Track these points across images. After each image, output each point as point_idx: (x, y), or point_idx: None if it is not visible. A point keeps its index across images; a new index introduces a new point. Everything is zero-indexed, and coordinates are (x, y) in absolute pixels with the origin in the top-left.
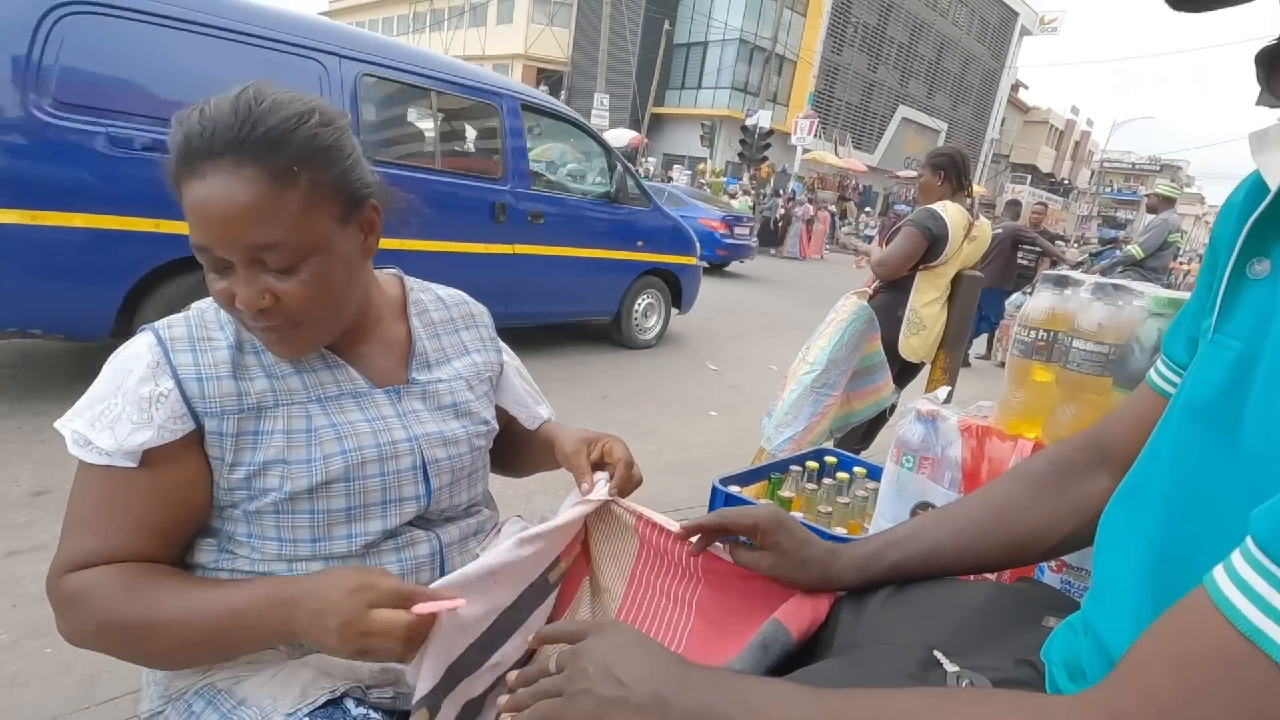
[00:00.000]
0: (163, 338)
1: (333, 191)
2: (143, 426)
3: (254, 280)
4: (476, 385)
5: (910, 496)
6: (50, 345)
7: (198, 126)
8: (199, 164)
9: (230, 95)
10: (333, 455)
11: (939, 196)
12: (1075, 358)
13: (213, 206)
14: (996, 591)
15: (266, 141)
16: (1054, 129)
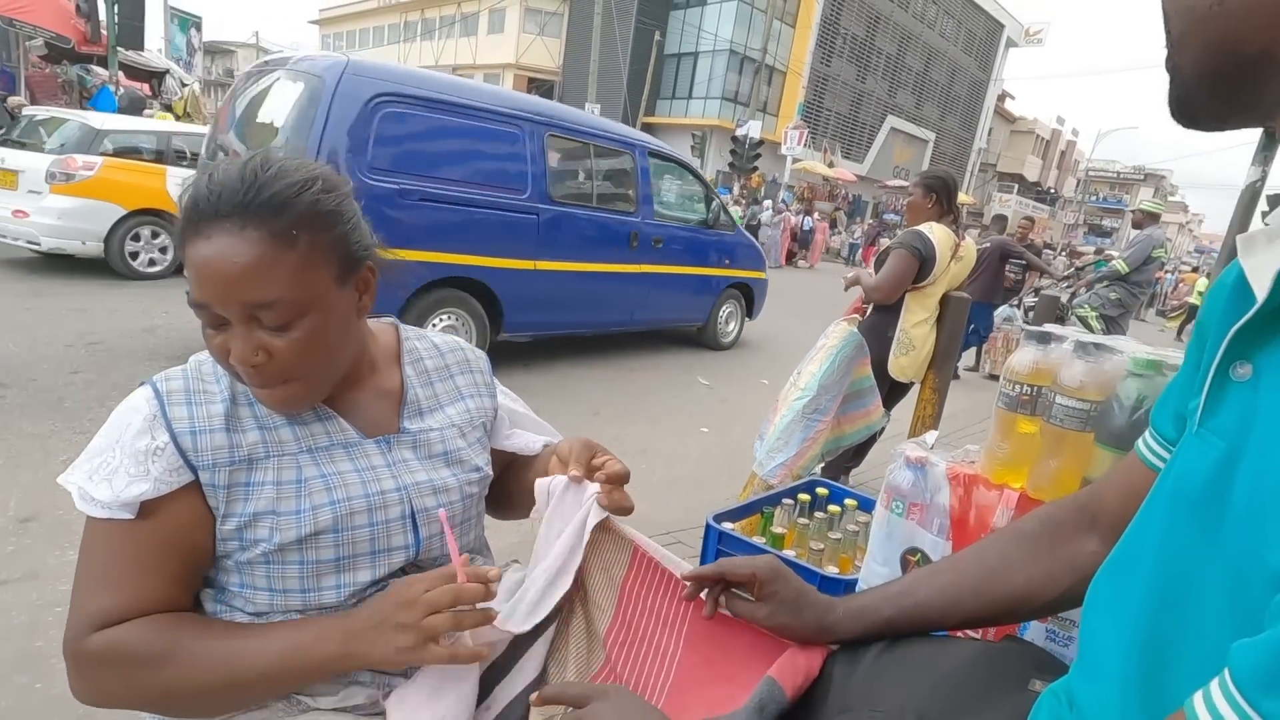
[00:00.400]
0: (160, 390)
1: (330, 253)
2: (139, 479)
3: (249, 337)
4: (469, 432)
5: (900, 541)
6: (35, 369)
7: (205, 190)
8: (204, 225)
9: (239, 162)
10: (321, 506)
11: (926, 217)
12: (1058, 413)
13: (214, 265)
14: (983, 651)
15: (270, 205)
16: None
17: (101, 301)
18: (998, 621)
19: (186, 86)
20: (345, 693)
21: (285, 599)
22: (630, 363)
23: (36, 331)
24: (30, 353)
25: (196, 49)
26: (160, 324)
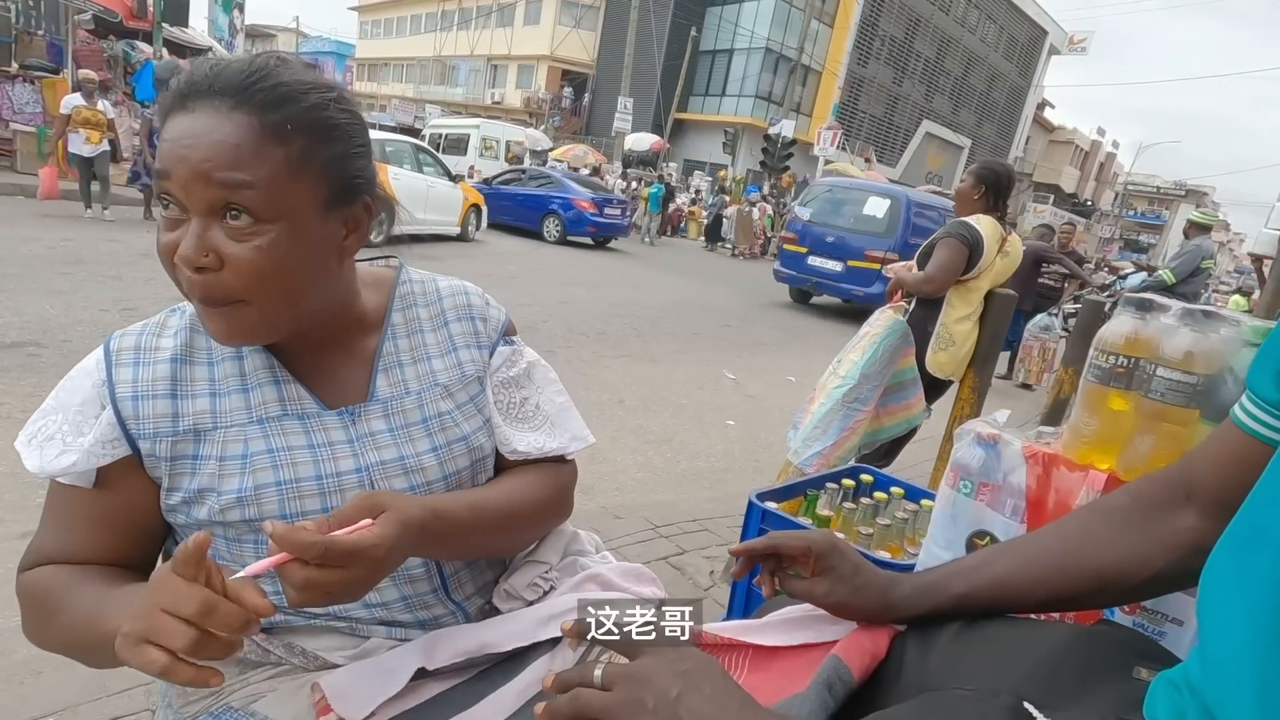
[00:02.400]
0: (110, 349)
1: (324, 170)
2: (70, 450)
3: (203, 234)
4: (458, 391)
5: (966, 524)
6: (70, 331)
7: (206, 68)
8: (192, 99)
9: (256, 56)
10: (265, 486)
11: (973, 209)
12: (1159, 387)
13: (190, 138)
14: (1078, 634)
15: (272, 95)
16: (1079, 149)
17: (136, 270)
18: (1082, 604)
19: None
20: (365, 646)
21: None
22: (655, 353)
23: (73, 296)
24: (66, 316)
25: (238, 30)
26: None
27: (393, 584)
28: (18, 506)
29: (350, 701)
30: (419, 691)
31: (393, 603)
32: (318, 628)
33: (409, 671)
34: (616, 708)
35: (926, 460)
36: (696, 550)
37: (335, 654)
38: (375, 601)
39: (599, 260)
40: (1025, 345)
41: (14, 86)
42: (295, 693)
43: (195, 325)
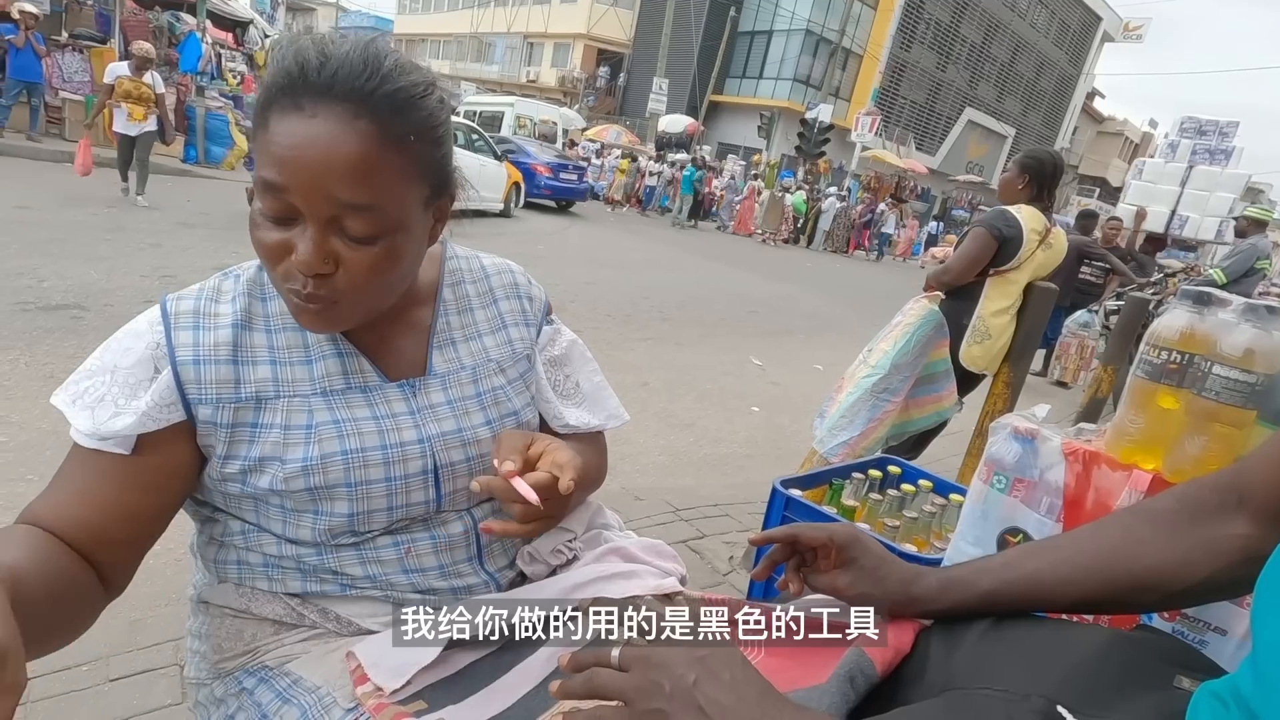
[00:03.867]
0: (168, 312)
1: (430, 170)
2: (124, 413)
3: (323, 241)
4: (510, 368)
5: (998, 520)
6: (112, 295)
7: (316, 60)
8: (308, 99)
9: (354, 40)
10: (332, 455)
11: (1016, 199)
12: (1214, 385)
13: (312, 148)
14: (1115, 639)
15: (394, 101)
16: (1128, 141)
17: (175, 239)
18: (1118, 608)
19: (268, 39)
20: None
21: (297, 549)
22: (680, 337)
23: (114, 262)
24: (108, 280)
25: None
26: (230, 263)
27: (432, 550)
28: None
29: (385, 671)
30: (449, 662)
31: (430, 569)
32: (353, 596)
33: (442, 641)
34: (632, 691)
35: (954, 455)
36: (716, 535)
37: (369, 620)
38: (414, 567)
39: (627, 242)
40: (1063, 342)
41: (64, 55)
42: (328, 656)
43: (252, 291)
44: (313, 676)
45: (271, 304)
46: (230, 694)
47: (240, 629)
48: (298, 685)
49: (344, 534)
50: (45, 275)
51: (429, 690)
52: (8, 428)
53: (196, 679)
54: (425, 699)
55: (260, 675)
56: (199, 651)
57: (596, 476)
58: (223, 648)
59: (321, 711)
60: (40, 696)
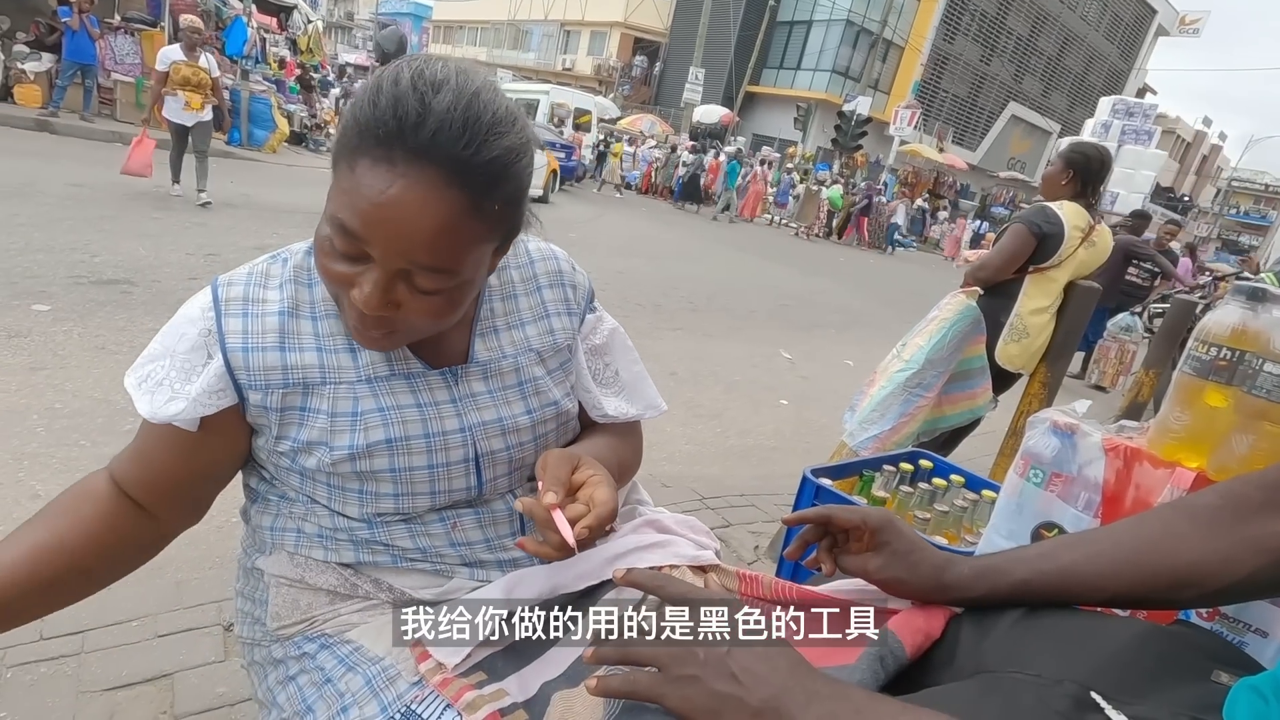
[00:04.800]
0: (219, 298)
1: (505, 227)
2: (178, 398)
3: (391, 288)
4: (550, 358)
5: (1033, 515)
6: (159, 272)
7: (415, 114)
8: (400, 154)
9: (453, 89)
10: (377, 444)
11: (1059, 194)
12: (1265, 383)
13: (395, 208)
14: (1151, 631)
15: (488, 173)
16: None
17: (219, 219)
18: (1156, 604)
19: (311, 23)
20: (448, 586)
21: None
22: (710, 328)
23: (161, 239)
24: (155, 257)
25: None
26: (271, 244)
27: (477, 525)
28: (107, 430)
29: (445, 649)
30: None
31: (476, 543)
32: (404, 568)
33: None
34: (665, 657)
35: (986, 455)
36: (742, 524)
37: (421, 591)
38: (461, 541)
39: (659, 232)
40: (1103, 345)
41: (116, 38)
42: (387, 627)
43: (299, 277)
44: (375, 647)
45: (317, 290)
46: (290, 656)
47: (296, 598)
48: (360, 654)
49: (390, 513)
50: (97, 251)
51: (487, 661)
52: (63, 395)
53: (250, 639)
54: (484, 670)
55: (321, 642)
56: (250, 614)
57: (633, 465)
58: (280, 615)
59: (387, 683)
60: (94, 648)
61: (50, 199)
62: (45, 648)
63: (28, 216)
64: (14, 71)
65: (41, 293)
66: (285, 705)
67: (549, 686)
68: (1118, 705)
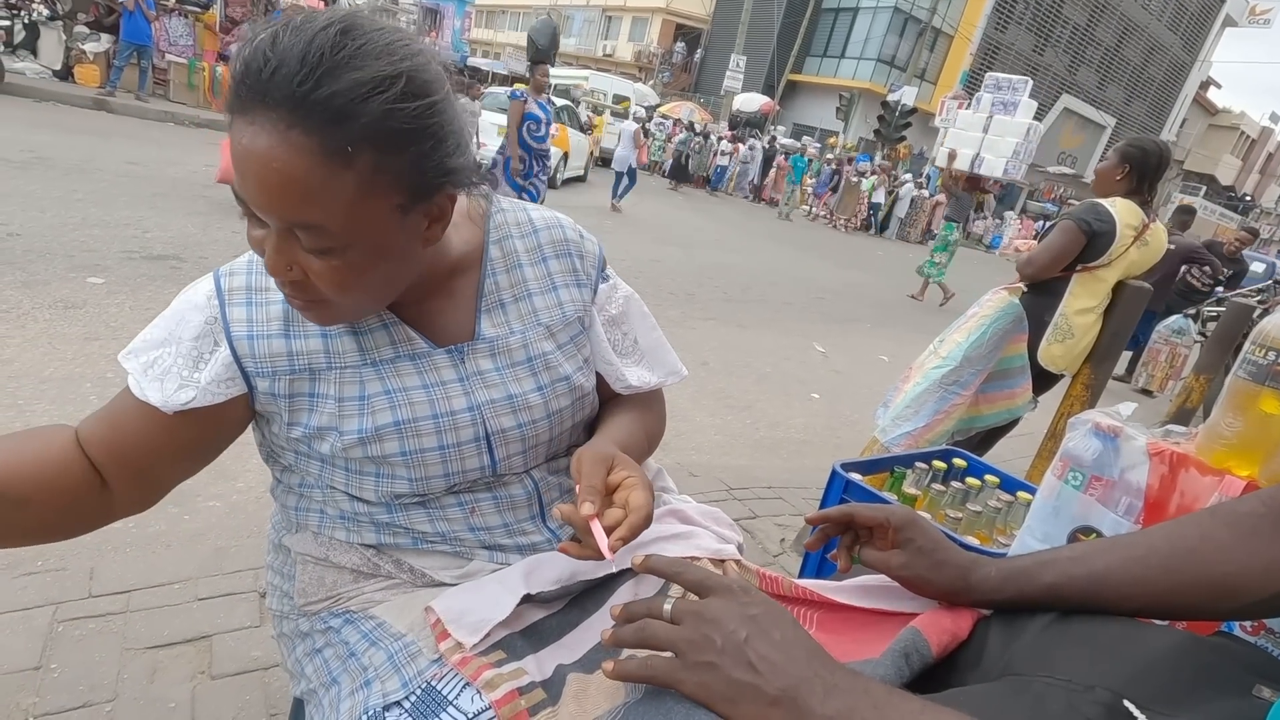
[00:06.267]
0: (221, 288)
1: (397, 179)
2: (188, 386)
3: (285, 249)
4: (560, 331)
5: (1070, 518)
6: (206, 248)
7: (262, 56)
8: (250, 104)
9: (317, 22)
10: (385, 426)
11: (1113, 191)
12: None
13: (251, 162)
14: (1190, 642)
15: (328, 109)
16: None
17: None
18: (1193, 614)
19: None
20: (469, 568)
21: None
22: (743, 319)
23: (210, 217)
24: (204, 234)
25: None
26: None
27: (495, 509)
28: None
29: (464, 627)
30: (521, 618)
31: (495, 527)
32: (424, 550)
33: (516, 598)
34: (684, 643)
35: (1023, 458)
36: (769, 516)
37: (441, 573)
38: (480, 525)
39: (695, 221)
40: (1152, 348)
41: (171, 20)
42: (408, 605)
43: None
44: (397, 624)
45: None
46: (317, 630)
47: (321, 575)
48: (382, 629)
49: (407, 496)
50: (149, 227)
51: (506, 641)
52: (115, 365)
53: (280, 611)
54: (504, 649)
55: (346, 617)
56: (279, 587)
57: (659, 433)
58: (306, 592)
59: (408, 659)
60: (139, 608)
61: (107, 176)
62: (94, 605)
63: (85, 192)
64: (75, 52)
65: (97, 266)
66: (312, 676)
67: (564, 669)
68: (1151, 716)
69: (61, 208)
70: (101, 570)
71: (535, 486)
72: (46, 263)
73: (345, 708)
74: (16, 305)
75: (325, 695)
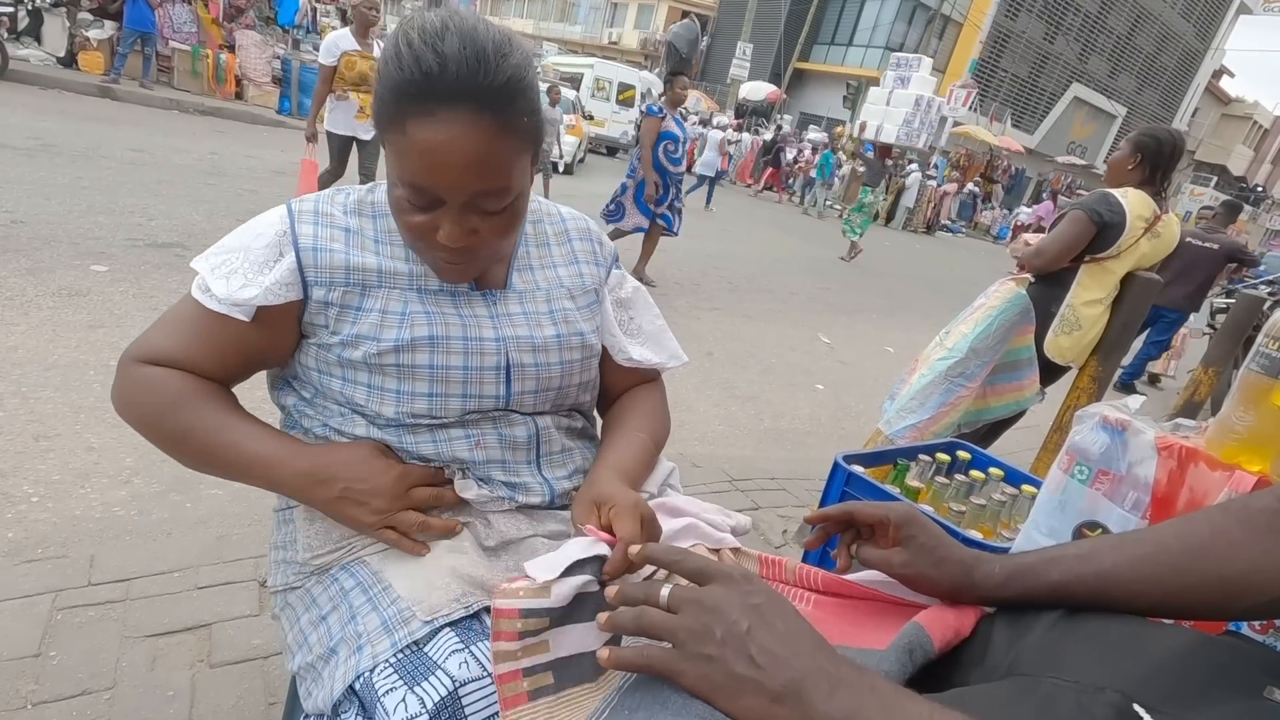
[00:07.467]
0: (293, 209)
1: (533, 134)
2: (252, 285)
3: (465, 219)
4: (579, 296)
5: (1076, 513)
6: (211, 236)
7: (435, 65)
8: (435, 106)
9: (456, 31)
10: (421, 339)
11: (1125, 181)
12: None
13: (450, 154)
14: (1200, 642)
15: (506, 93)
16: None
17: (270, 186)
18: (1202, 613)
19: None
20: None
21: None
22: (749, 309)
23: (215, 204)
24: (208, 222)
25: None
26: None
27: (499, 445)
28: None
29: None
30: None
31: (494, 462)
32: None
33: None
34: (683, 633)
35: (1029, 450)
36: (771, 508)
37: None
38: (481, 459)
39: (702, 213)
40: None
41: (174, 7)
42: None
43: (362, 210)
44: (400, 587)
45: (381, 221)
46: (325, 595)
47: (328, 530)
48: (386, 594)
49: (423, 416)
50: (154, 214)
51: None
52: (119, 352)
53: (284, 585)
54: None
55: (358, 576)
56: (285, 560)
57: (665, 430)
58: (313, 545)
59: (401, 623)
60: (139, 596)
61: (113, 163)
62: (94, 593)
63: (91, 180)
64: (79, 39)
65: (101, 253)
66: (315, 645)
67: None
68: (1162, 718)
69: (67, 195)
70: (102, 558)
71: (537, 431)
72: (51, 250)
73: (340, 675)
74: (21, 292)
75: (325, 668)
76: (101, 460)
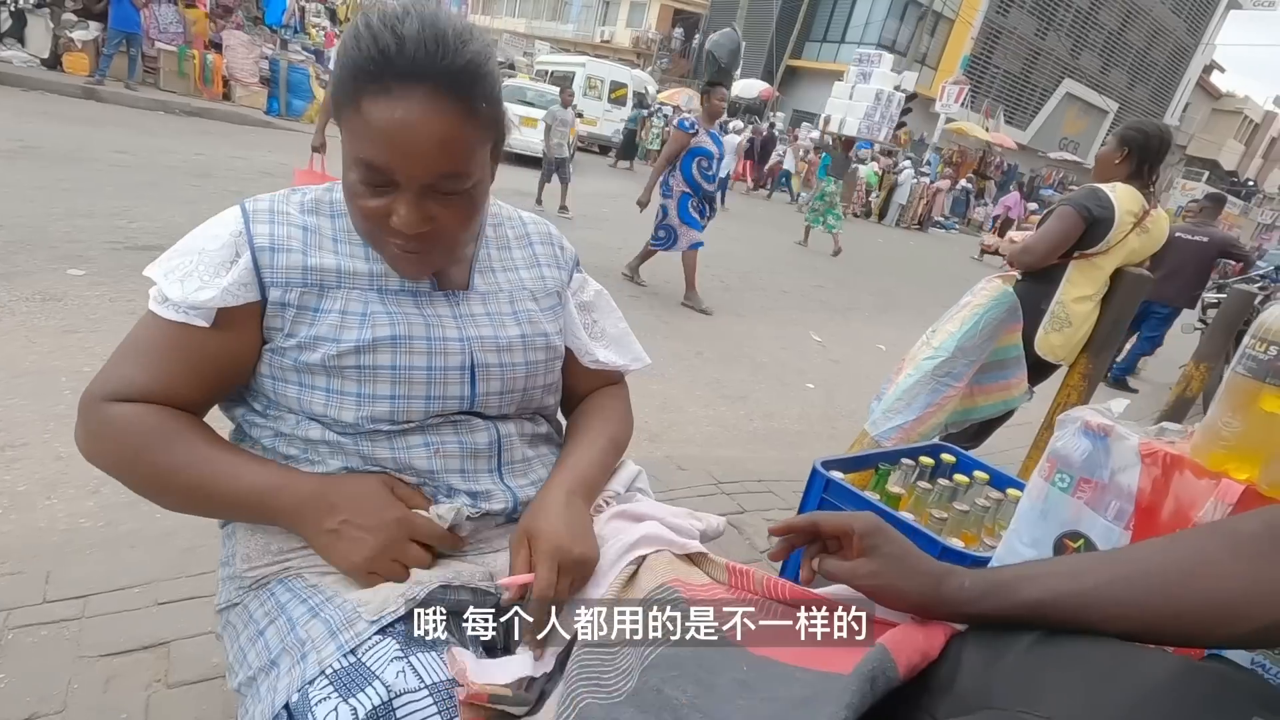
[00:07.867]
0: (247, 210)
1: (494, 124)
2: (209, 287)
3: (421, 204)
4: (542, 297)
5: (1058, 522)
6: None
7: (393, 44)
8: (395, 84)
9: (416, 15)
10: (383, 339)
11: (1113, 175)
12: None
13: (407, 133)
14: (1187, 669)
15: (467, 74)
16: (1248, 121)
17: (257, 186)
18: (1184, 640)
19: None
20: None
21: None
22: (740, 308)
23: (200, 205)
24: (191, 224)
25: None
26: None
27: (459, 453)
28: None
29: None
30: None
31: (453, 471)
32: None
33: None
34: None
35: (1019, 448)
36: (757, 511)
37: None
38: (440, 468)
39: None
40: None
41: (160, 7)
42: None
43: (319, 208)
44: (345, 593)
45: (339, 220)
46: (263, 611)
47: (267, 543)
48: (330, 602)
49: (384, 421)
50: (136, 217)
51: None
52: (92, 358)
53: (226, 602)
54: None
55: (294, 589)
56: (226, 576)
57: (626, 435)
58: (250, 557)
59: (346, 625)
60: (96, 613)
61: (98, 165)
62: (49, 610)
63: (74, 182)
64: (63, 40)
65: (79, 257)
66: (253, 662)
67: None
68: None
69: (47, 198)
70: (58, 574)
71: (498, 438)
72: (29, 254)
73: (283, 686)
74: None
75: (264, 681)
76: (70, 469)
